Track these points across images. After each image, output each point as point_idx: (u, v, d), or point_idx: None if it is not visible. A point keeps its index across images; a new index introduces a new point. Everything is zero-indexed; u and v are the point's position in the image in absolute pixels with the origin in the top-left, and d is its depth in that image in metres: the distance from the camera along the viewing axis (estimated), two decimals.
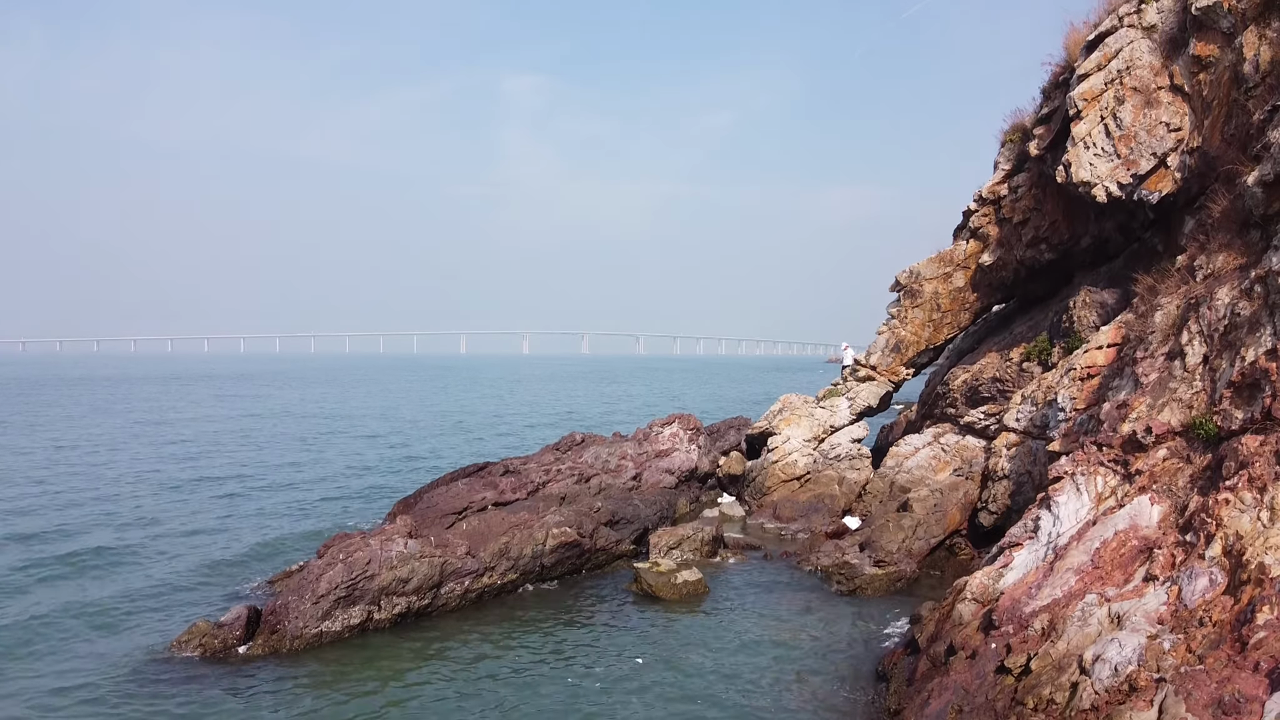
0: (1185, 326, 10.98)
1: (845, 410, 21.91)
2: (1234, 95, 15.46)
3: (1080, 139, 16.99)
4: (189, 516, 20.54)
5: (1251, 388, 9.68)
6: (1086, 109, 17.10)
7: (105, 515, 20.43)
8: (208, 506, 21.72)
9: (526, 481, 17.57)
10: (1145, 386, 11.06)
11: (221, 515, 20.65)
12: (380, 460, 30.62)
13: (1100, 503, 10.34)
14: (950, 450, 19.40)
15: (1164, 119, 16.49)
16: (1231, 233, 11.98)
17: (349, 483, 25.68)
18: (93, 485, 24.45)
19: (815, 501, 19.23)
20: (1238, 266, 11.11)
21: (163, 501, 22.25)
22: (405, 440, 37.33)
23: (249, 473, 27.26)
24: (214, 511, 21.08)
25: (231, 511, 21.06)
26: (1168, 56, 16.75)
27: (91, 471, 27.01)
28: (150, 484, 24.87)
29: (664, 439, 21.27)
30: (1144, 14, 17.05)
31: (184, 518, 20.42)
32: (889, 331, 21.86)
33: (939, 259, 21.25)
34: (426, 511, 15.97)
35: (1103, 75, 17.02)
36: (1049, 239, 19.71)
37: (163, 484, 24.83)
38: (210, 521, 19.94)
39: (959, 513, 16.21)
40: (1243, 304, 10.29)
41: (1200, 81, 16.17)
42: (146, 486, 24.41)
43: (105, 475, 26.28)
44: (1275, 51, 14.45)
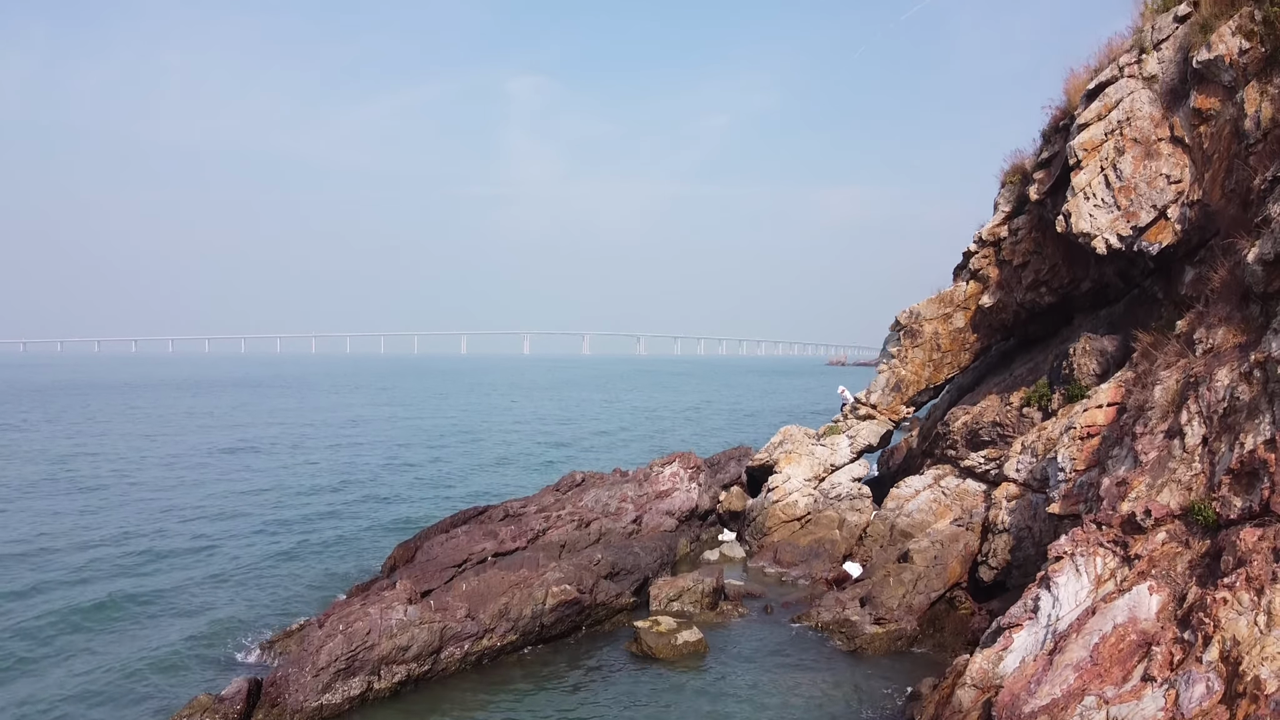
0: (1185, 405, 11.00)
1: (845, 449, 21.92)
2: (1235, 149, 15.47)
3: (1080, 189, 17.00)
4: (199, 556, 20.58)
5: (1250, 476, 9.70)
6: (1086, 159, 17.11)
7: (112, 554, 20.48)
8: (220, 542, 21.75)
9: (526, 529, 17.59)
10: (1145, 465, 11.08)
11: (231, 552, 20.71)
12: (388, 486, 30.67)
13: (1100, 585, 10.35)
14: (950, 494, 19.42)
15: (1164, 171, 16.50)
16: (1231, 304, 12.00)
17: (354, 515, 25.69)
18: (101, 518, 24.49)
19: (816, 546, 19.24)
20: (1237, 345, 11.13)
21: (173, 535, 22.28)
22: (412, 461, 37.39)
23: (254, 503, 27.28)
24: (226, 547, 21.12)
25: (240, 550, 21.09)
26: (1168, 108, 16.75)
27: (97, 501, 27.04)
28: (159, 514, 24.89)
29: (664, 479, 21.29)
30: (1145, 64, 17.06)
31: (194, 556, 20.48)
32: (889, 370, 21.87)
33: (939, 300, 21.26)
34: (427, 565, 16.00)
35: (1103, 125, 17.02)
36: (1049, 282, 19.71)
37: (171, 513, 24.86)
38: (222, 561, 19.98)
39: (959, 565, 16.21)
40: (1242, 388, 10.31)
41: (1201, 134, 16.17)
42: (153, 516, 24.44)
43: (114, 503, 26.32)
44: (1276, 108, 14.47)
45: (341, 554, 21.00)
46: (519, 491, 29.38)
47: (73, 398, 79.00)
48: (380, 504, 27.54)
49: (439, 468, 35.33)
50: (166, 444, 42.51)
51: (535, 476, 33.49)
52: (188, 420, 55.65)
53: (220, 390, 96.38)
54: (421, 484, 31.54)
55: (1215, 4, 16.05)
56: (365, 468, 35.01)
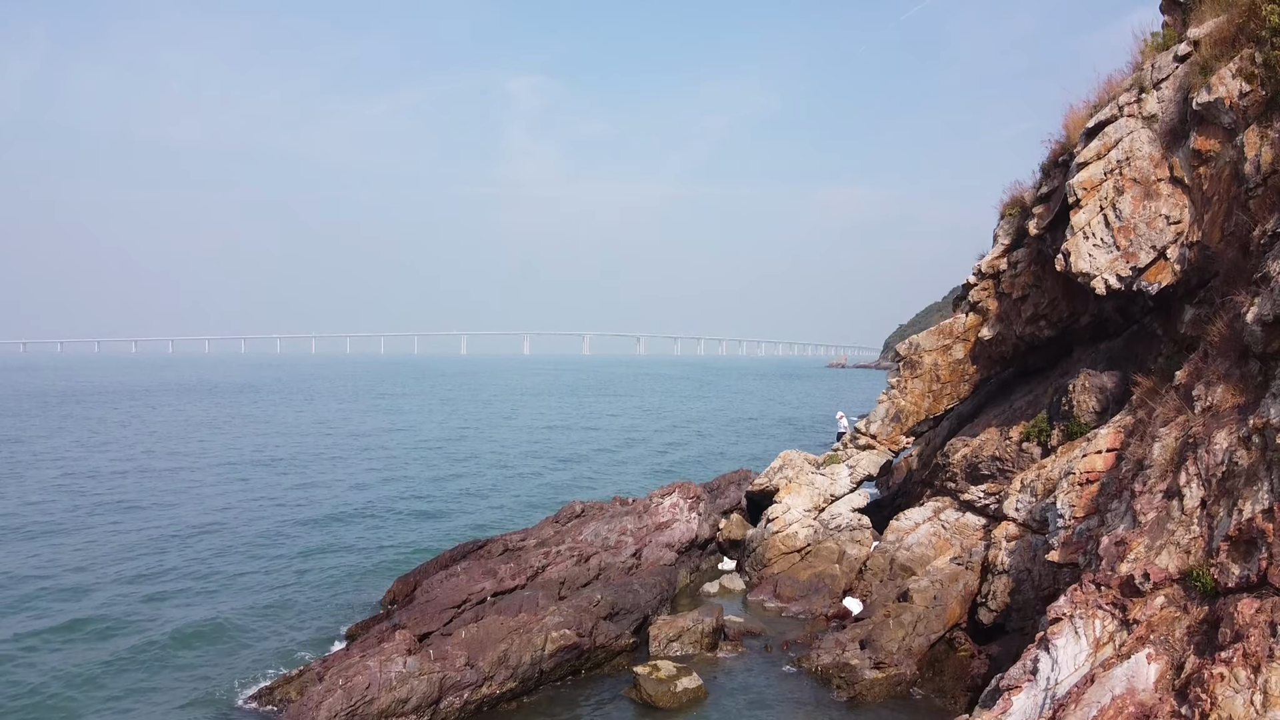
0: (1184, 466, 11.01)
1: (845, 478, 21.93)
2: (1234, 192, 15.47)
3: (1080, 229, 17.01)
4: (197, 582, 20.61)
5: (1248, 545, 9.71)
6: (1086, 198, 17.11)
7: (107, 583, 20.52)
8: (218, 570, 21.77)
9: (526, 566, 17.61)
10: (1144, 526, 11.09)
11: (229, 582, 20.72)
12: (388, 508, 30.69)
13: (1099, 649, 10.38)
14: (950, 528, 19.44)
15: (1164, 211, 16.51)
16: (1230, 360, 12.01)
17: (354, 541, 25.71)
18: (94, 542, 24.52)
19: (816, 581, 19.26)
20: (1236, 406, 11.13)
21: (171, 563, 22.30)
22: (412, 480, 37.43)
23: (252, 529, 27.31)
24: (224, 577, 21.14)
25: (238, 580, 21.11)
26: (1168, 148, 16.75)
27: (92, 523, 27.07)
28: (157, 540, 24.91)
29: (664, 510, 21.30)
30: (1144, 104, 17.07)
31: (192, 582, 20.51)
32: (889, 401, 21.88)
33: (938, 331, 21.28)
34: (426, 606, 16.02)
35: (1102, 165, 17.03)
36: (1048, 316, 19.72)
37: (169, 538, 24.88)
38: (221, 592, 19.99)
39: (959, 606, 16.23)
40: (1240, 453, 10.32)
41: (1200, 175, 16.17)
42: (150, 542, 24.46)
43: (107, 526, 26.34)
44: (1277, 153, 14.48)
45: (341, 585, 20.98)
46: (519, 514, 29.42)
47: (70, 407, 78.92)
48: (379, 528, 27.52)
49: (439, 487, 35.30)
50: (162, 461, 42.53)
51: (536, 497, 33.52)
52: (184, 439, 55.68)
53: (220, 397, 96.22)
54: (421, 502, 31.53)
55: (1215, 45, 16.07)
56: (364, 489, 35.00)
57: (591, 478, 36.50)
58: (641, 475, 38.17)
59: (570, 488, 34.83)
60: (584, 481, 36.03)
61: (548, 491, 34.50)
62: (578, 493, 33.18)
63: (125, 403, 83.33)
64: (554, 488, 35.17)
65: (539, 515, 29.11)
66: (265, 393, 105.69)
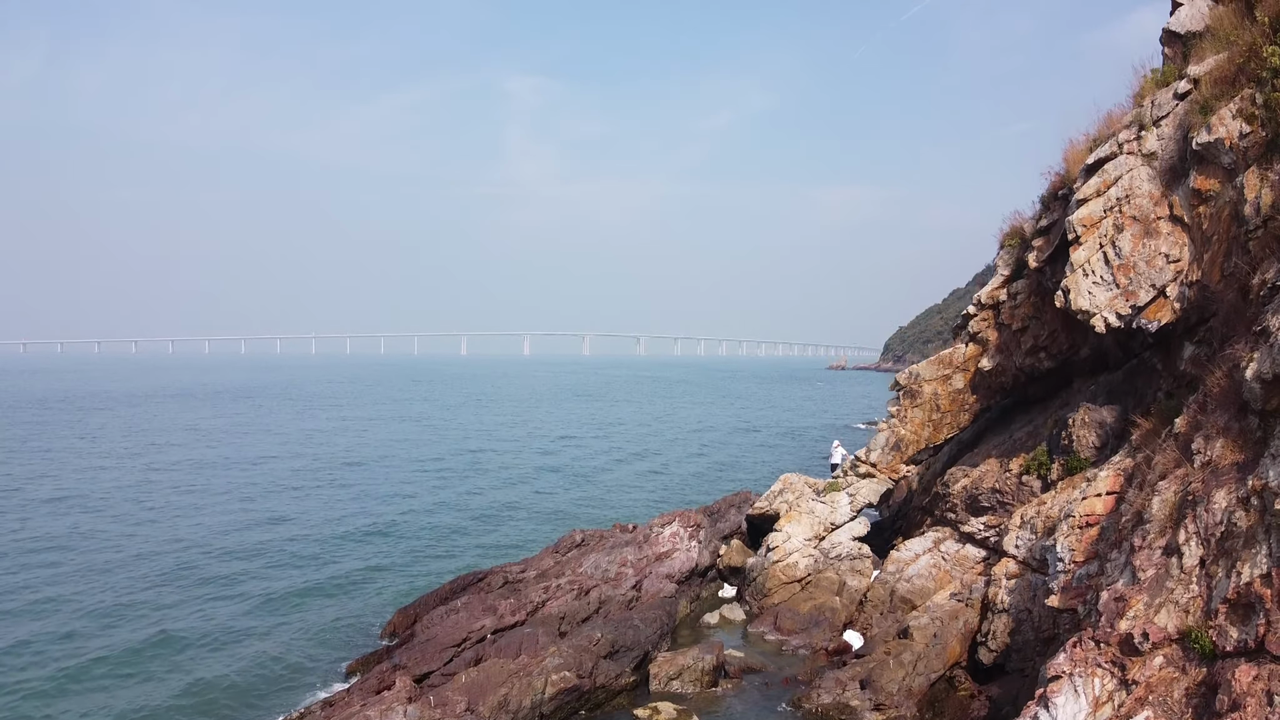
0: (1183, 524, 11.03)
1: (845, 507, 21.97)
2: (1234, 232, 15.50)
3: (1079, 266, 17.05)
4: (192, 610, 20.65)
5: (1246, 609, 9.73)
6: (1085, 235, 17.15)
7: (99, 605, 20.56)
8: (213, 597, 21.81)
9: (526, 601, 17.64)
10: (1143, 582, 11.11)
11: (225, 609, 20.76)
12: (388, 528, 30.74)
13: (1098, 707, 10.40)
14: (950, 559, 19.47)
15: (1163, 250, 16.54)
16: (1229, 413, 12.02)
17: (352, 568, 25.75)
18: (85, 566, 24.56)
19: (816, 614, 19.28)
20: (1235, 464, 11.16)
21: (166, 588, 22.34)
22: (412, 496, 37.50)
23: (249, 550, 27.35)
24: (219, 604, 21.18)
25: (234, 606, 21.14)
26: (1167, 186, 16.79)
27: (79, 544, 27.11)
28: (150, 563, 24.94)
29: (664, 539, 21.34)
30: (1144, 141, 17.11)
31: (187, 610, 20.55)
32: (889, 430, 21.92)
33: (938, 361, 21.31)
34: (426, 645, 16.05)
35: (1101, 202, 17.07)
36: (1048, 348, 19.75)
37: (164, 558, 24.91)
38: (217, 621, 20.03)
39: (959, 645, 16.25)
40: (1239, 514, 10.34)
41: (1200, 214, 16.21)
42: (144, 566, 24.49)
43: (98, 548, 26.37)
44: (1277, 195, 14.50)
45: (342, 613, 21.01)
46: (521, 536, 29.44)
47: (67, 413, 78.92)
48: (381, 551, 27.54)
49: (441, 507, 35.31)
50: (155, 476, 42.56)
51: (538, 518, 33.55)
52: (182, 448, 55.69)
53: (219, 402, 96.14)
54: (422, 524, 31.57)
55: (1215, 85, 16.11)
56: (365, 507, 35.03)
57: (593, 499, 36.30)
58: (643, 493, 38.17)
59: (572, 509, 34.79)
60: (586, 502, 35.89)
61: (549, 511, 34.45)
62: (580, 512, 33.24)
63: (124, 409, 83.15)
64: (556, 508, 35.10)
65: (541, 536, 29.22)
66: (263, 399, 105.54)
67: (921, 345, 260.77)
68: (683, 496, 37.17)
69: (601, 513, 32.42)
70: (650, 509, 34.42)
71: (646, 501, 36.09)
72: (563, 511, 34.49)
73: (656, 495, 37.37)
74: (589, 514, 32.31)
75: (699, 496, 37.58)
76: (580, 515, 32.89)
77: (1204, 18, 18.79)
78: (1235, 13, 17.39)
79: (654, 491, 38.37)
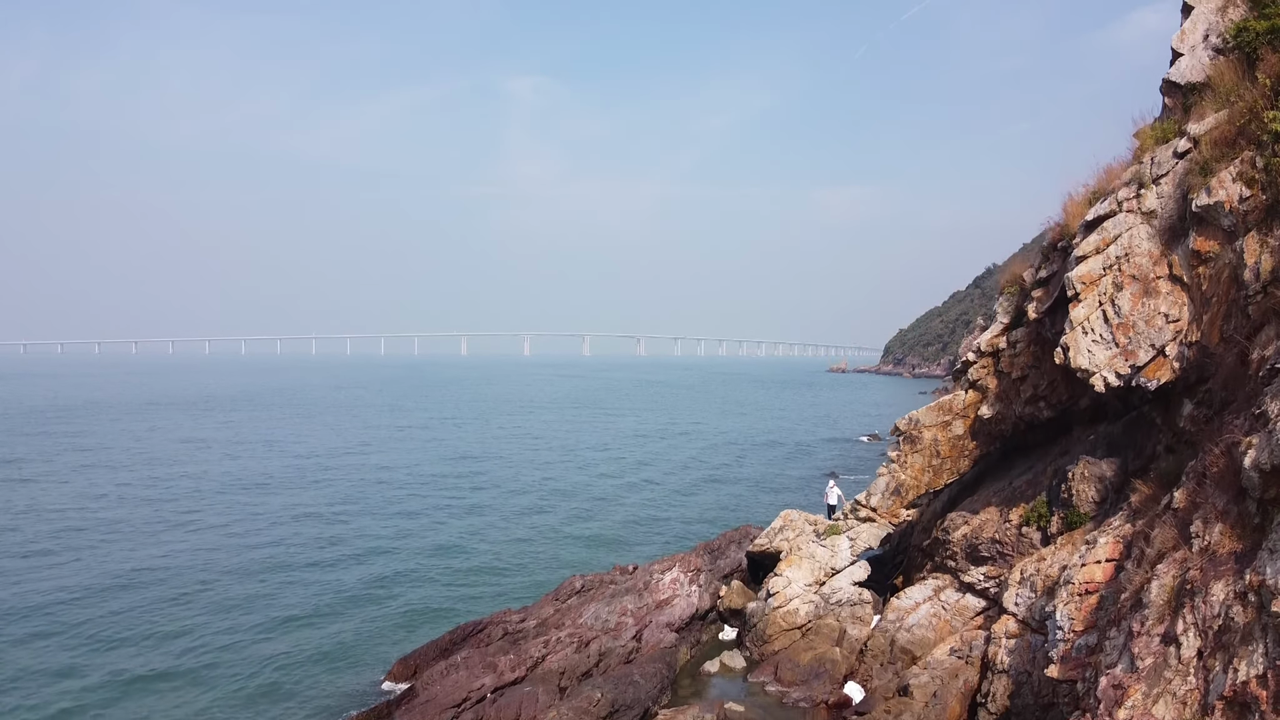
0: (1181, 614, 11.06)
1: (846, 551, 22.00)
2: (1234, 295, 15.52)
3: (1079, 323, 17.07)
4: (184, 646, 20.69)
5: (1243, 707, 9.77)
6: (1085, 292, 17.18)
7: (85, 647, 20.60)
8: (208, 633, 21.85)
9: (525, 657, 17.67)
10: (1141, 671, 11.14)
11: (220, 646, 20.79)
12: (386, 555, 30.78)
13: None
14: (950, 609, 19.51)
15: (1163, 309, 16.56)
16: (1228, 495, 12.05)
17: (350, 603, 25.78)
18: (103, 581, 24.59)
19: (817, 664, 19.30)
20: (1233, 553, 11.19)
21: (159, 621, 22.36)
22: (411, 516, 37.54)
23: (241, 580, 27.37)
24: (213, 641, 21.21)
25: (229, 642, 21.18)
26: (1167, 245, 16.81)
27: (66, 580, 27.13)
28: (142, 594, 24.97)
29: (664, 586, 21.37)
30: (1143, 199, 17.13)
31: (178, 645, 20.58)
32: (889, 474, 21.95)
33: (938, 407, 21.33)
34: (427, 707, 16.07)
35: (1101, 260, 17.09)
36: (1048, 398, 19.78)
37: (156, 587, 24.94)
38: (211, 660, 20.06)
39: (958, 705, 16.29)
40: (1236, 608, 10.36)
41: (1200, 275, 16.22)
42: (136, 597, 24.52)
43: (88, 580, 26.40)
44: (1277, 260, 14.53)
45: (338, 655, 20.99)
46: (519, 570, 29.42)
47: (62, 424, 78.81)
48: (380, 584, 27.55)
49: (442, 541, 35.16)
50: (145, 503, 42.59)
51: (541, 552, 33.58)
52: (177, 466, 55.72)
53: (218, 411, 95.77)
54: (422, 561, 31.58)
55: (1215, 145, 16.13)
56: (363, 532, 35.04)
57: (594, 536, 35.15)
58: (644, 525, 37.92)
59: (572, 541, 34.63)
60: (586, 537, 35.41)
61: (550, 538, 34.35)
62: (579, 548, 33.19)
63: (124, 419, 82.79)
64: (556, 537, 34.93)
65: (541, 566, 29.26)
66: (263, 408, 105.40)
67: (922, 348, 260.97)
68: (683, 528, 37.11)
69: (602, 553, 32.19)
70: (651, 539, 34.41)
71: (648, 533, 36.05)
72: (563, 538, 34.48)
73: (657, 528, 37.24)
74: (589, 553, 32.05)
75: (699, 525, 37.61)
76: (580, 550, 32.84)
77: (1204, 69, 18.79)
78: (1236, 68, 17.43)
79: (655, 524, 38.08)
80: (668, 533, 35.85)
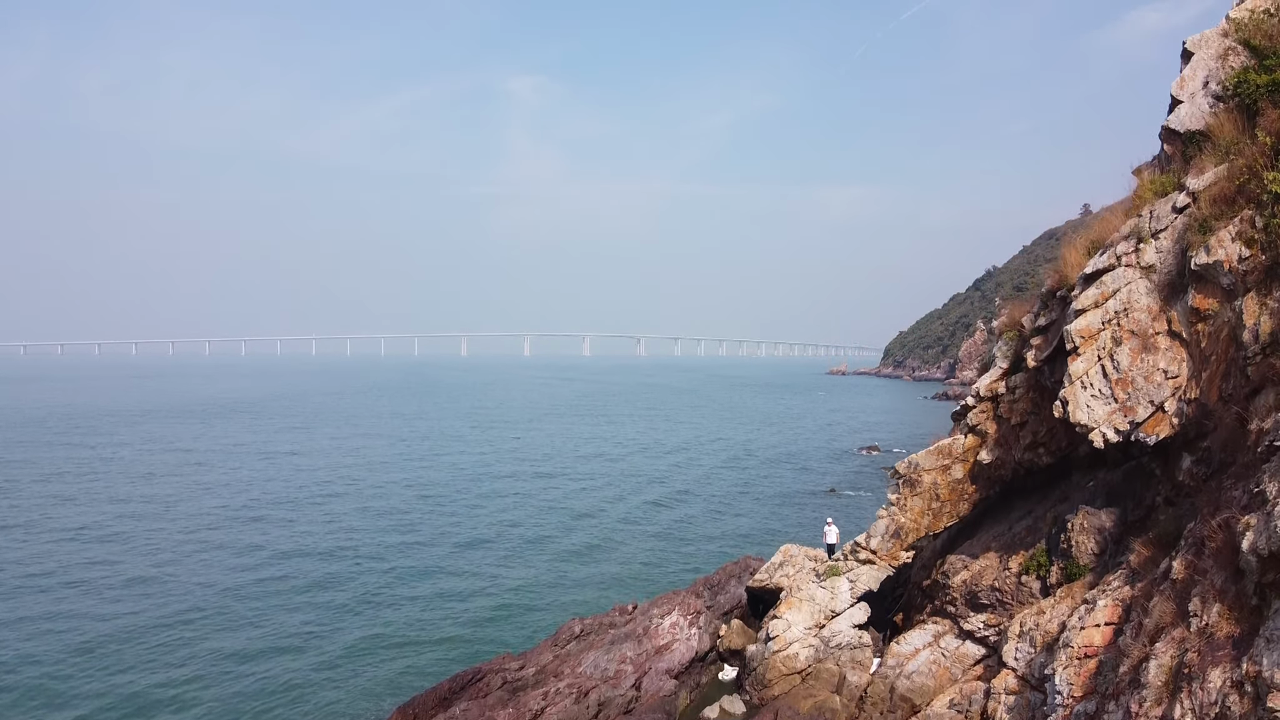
0: (1179, 698, 11.05)
1: (846, 593, 21.98)
2: (1233, 353, 15.49)
3: (1078, 377, 17.04)
4: (184, 679, 20.71)
5: None
6: (1084, 346, 17.14)
7: None
8: (203, 670, 21.86)
9: (524, 710, 17.66)
10: None
11: (215, 686, 20.81)
12: (383, 581, 30.78)
13: None
14: (950, 655, 19.50)
15: (1162, 365, 16.53)
16: (1226, 574, 12.01)
17: (347, 639, 25.78)
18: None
19: (816, 714, 19.28)
20: (1231, 636, 11.18)
21: (138, 676, 22.37)
22: (410, 545, 37.52)
23: (236, 618, 27.36)
24: (206, 679, 21.23)
25: (221, 680, 21.19)
26: (1166, 300, 16.76)
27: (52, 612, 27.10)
28: (133, 647, 24.98)
29: (664, 630, 21.36)
30: (1142, 254, 17.10)
31: (179, 682, 20.61)
32: (888, 517, 21.93)
33: (937, 451, 21.31)
34: None
35: (1100, 313, 17.06)
36: (1047, 444, 19.76)
37: (137, 643, 24.96)
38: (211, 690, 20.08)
39: None
40: (1233, 697, 10.34)
41: (1199, 332, 16.18)
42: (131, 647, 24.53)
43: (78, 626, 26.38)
44: (1277, 323, 14.51)
45: (337, 699, 21.02)
46: (518, 606, 29.28)
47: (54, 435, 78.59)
48: (377, 619, 27.54)
49: (438, 560, 35.24)
50: (129, 530, 42.56)
51: (540, 583, 33.51)
52: (168, 496, 55.72)
53: (213, 423, 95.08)
54: (417, 584, 31.56)
55: (1214, 203, 16.07)
56: (358, 566, 34.94)
57: (595, 569, 34.64)
58: (645, 552, 37.59)
59: (575, 571, 34.38)
60: (588, 566, 34.86)
61: (552, 576, 33.66)
62: (583, 575, 33.06)
63: (121, 431, 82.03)
64: (559, 572, 34.31)
65: (543, 608, 29.11)
66: (263, 417, 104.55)
67: (922, 350, 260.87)
68: (684, 557, 36.92)
69: (603, 587, 31.86)
70: (651, 573, 33.79)
71: (649, 563, 35.90)
72: (565, 570, 34.36)
73: (658, 555, 37.04)
74: (591, 589, 31.54)
75: (701, 549, 37.53)
76: (581, 581, 32.65)
77: (1204, 117, 18.77)
78: (1236, 120, 17.40)
79: (655, 552, 37.41)
80: (669, 563, 35.70)
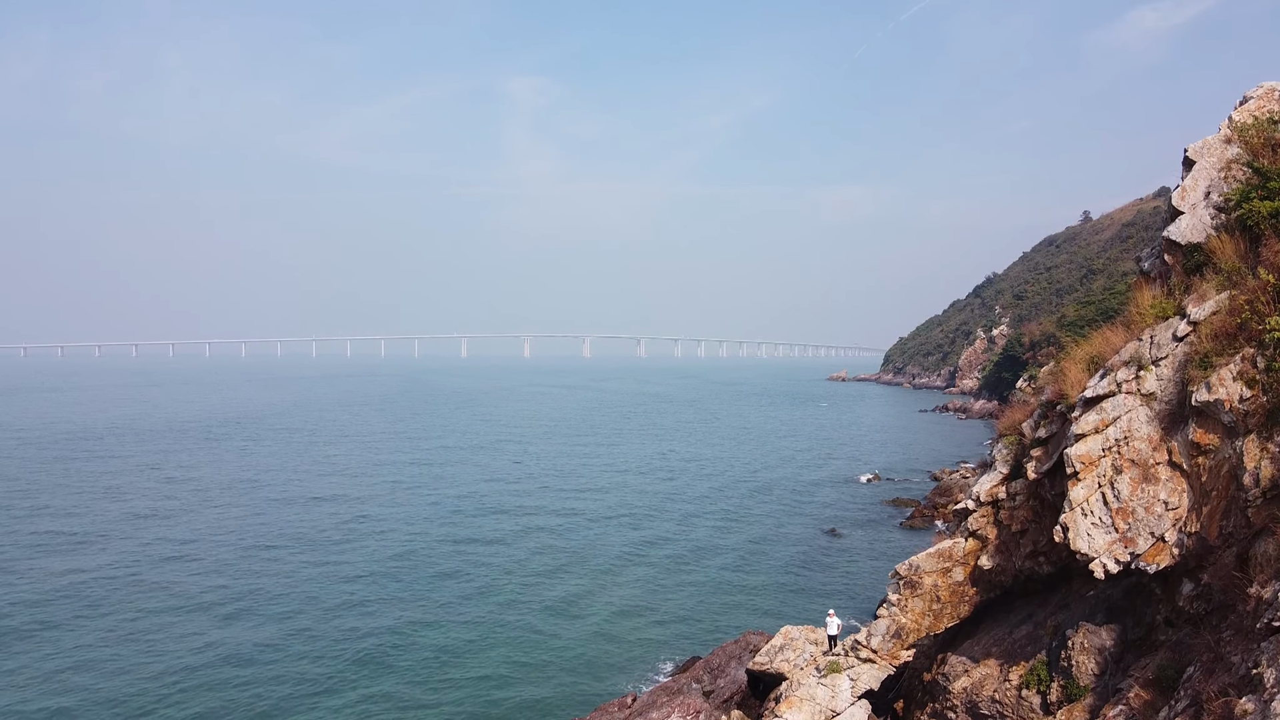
0: None
1: (847, 691, 21.94)
2: (1233, 491, 15.45)
3: (1078, 504, 17.01)
4: None
5: None
6: (1084, 472, 17.11)
7: None
8: None
9: None
10: None
11: None
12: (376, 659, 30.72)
13: None
14: None
15: (1162, 496, 16.49)
16: None
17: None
18: None
19: None
20: None
21: None
22: (407, 577, 37.42)
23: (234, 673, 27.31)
24: None
25: None
26: (1166, 430, 16.72)
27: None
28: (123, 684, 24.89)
29: None
30: (1143, 381, 17.06)
31: None
32: (889, 617, 21.90)
33: (937, 554, 21.29)
34: None
35: (1100, 440, 17.02)
36: (1048, 554, 19.73)
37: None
38: None
39: None
40: None
41: (1199, 465, 16.14)
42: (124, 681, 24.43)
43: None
44: (1278, 469, 14.47)
45: None
46: (515, 690, 29.05)
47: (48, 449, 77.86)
48: (366, 683, 27.52)
49: (422, 632, 34.36)
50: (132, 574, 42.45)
51: (535, 618, 33.34)
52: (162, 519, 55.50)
53: (211, 444, 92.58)
54: (412, 645, 31.46)
55: (1215, 338, 16.02)
56: (354, 615, 34.85)
57: (586, 649, 33.13)
58: (642, 629, 36.44)
59: (571, 646, 33.77)
60: (579, 643, 33.68)
61: (545, 656, 32.44)
62: (576, 652, 32.64)
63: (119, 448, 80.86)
64: (551, 651, 33.19)
65: (544, 683, 28.90)
66: (264, 432, 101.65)
67: (922, 357, 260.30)
68: (682, 628, 36.19)
69: (597, 670, 31.08)
70: (650, 651, 33.18)
71: (646, 622, 35.77)
72: (557, 644, 34.01)
73: (653, 617, 36.77)
74: (583, 675, 30.75)
75: (698, 617, 37.07)
76: (575, 660, 32.11)
77: (1205, 228, 18.77)
78: (1237, 244, 17.38)
79: (651, 628, 35.98)
80: (667, 629, 35.24)
